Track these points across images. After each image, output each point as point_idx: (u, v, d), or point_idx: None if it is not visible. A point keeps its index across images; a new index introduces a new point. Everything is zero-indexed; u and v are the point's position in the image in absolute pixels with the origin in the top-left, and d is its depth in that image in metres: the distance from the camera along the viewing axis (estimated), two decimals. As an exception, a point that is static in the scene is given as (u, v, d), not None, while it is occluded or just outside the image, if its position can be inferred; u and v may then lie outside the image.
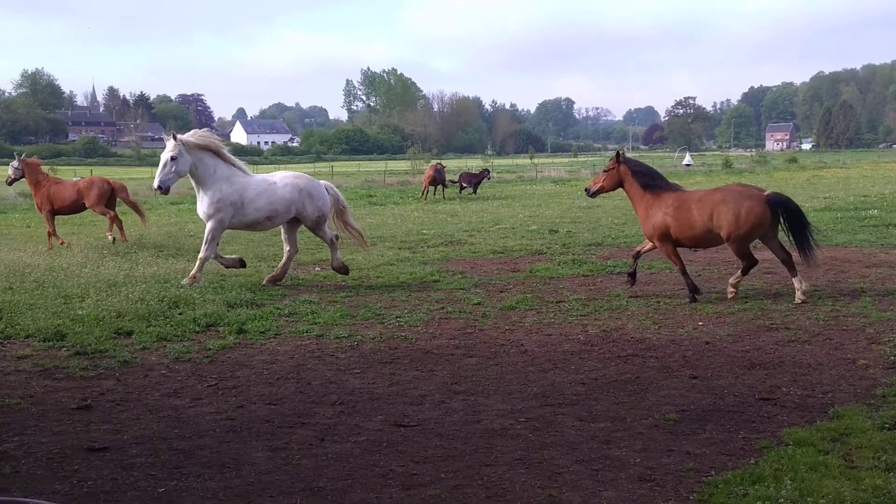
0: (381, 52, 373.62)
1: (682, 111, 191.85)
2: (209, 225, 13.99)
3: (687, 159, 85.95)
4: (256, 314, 11.48)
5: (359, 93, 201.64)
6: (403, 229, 23.41)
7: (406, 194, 40.46)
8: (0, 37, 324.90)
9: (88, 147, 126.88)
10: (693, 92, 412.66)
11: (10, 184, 22.54)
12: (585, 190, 13.72)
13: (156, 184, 13.79)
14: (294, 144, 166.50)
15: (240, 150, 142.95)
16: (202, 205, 14.11)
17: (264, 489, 5.80)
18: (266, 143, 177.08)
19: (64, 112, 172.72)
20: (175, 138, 13.70)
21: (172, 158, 13.60)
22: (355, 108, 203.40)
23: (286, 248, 14.82)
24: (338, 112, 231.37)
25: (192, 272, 13.82)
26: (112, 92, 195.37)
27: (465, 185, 40.40)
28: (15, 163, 20.98)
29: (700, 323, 10.92)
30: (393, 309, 12.04)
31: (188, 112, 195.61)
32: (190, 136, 14.01)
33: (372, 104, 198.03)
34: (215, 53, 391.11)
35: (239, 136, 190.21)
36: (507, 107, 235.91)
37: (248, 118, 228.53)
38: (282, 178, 14.76)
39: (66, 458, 6.42)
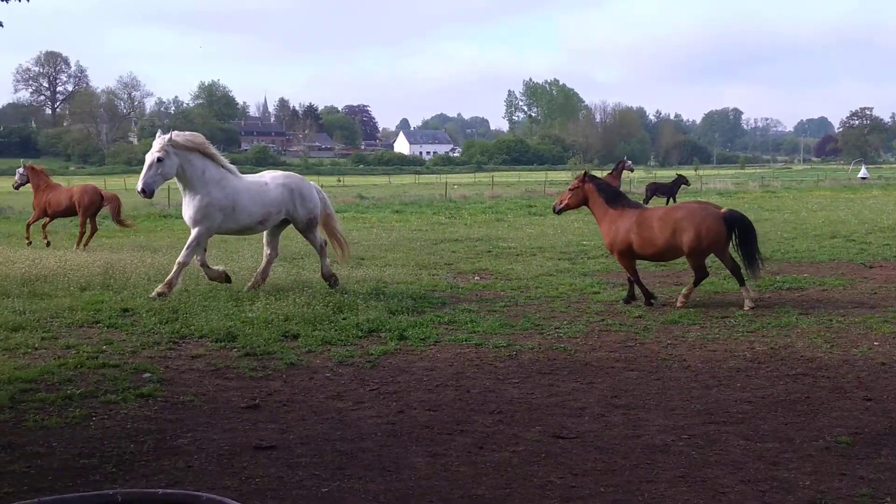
0: (544, 62, 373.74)
1: (857, 122, 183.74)
2: (195, 230, 13.29)
3: (863, 172, 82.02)
4: (417, 321, 11.64)
5: (520, 103, 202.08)
6: (563, 240, 23.30)
7: (566, 205, 40.17)
8: (181, 51, 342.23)
9: (259, 156, 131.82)
10: (870, 102, 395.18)
11: (16, 188, 24.17)
12: (553, 208, 14.59)
13: (139, 186, 12.86)
14: (455, 154, 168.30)
15: (402, 160, 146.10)
16: (189, 209, 13.31)
17: (423, 494, 5.87)
18: (428, 153, 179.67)
19: (237, 122, 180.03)
20: (166, 137, 12.99)
21: (159, 160, 12.84)
22: (516, 118, 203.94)
23: (266, 251, 14.38)
24: (499, 122, 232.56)
25: (168, 278, 13.21)
26: (282, 103, 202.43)
27: (657, 195, 39.04)
28: (21, 169, 23.23)
29: (875, 343, 10.40)
30: (552, 320, 11.98)
31: (354, 122, 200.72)
32: (178, 135, 13.16)
33: (533, 115, 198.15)
34: (381, 66, 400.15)
35: (402, 146, 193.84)
36: (672, 117, 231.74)
37: (412, 128, 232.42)
38: (272, 178, 14.28)
39: (236, 455, 6.67)
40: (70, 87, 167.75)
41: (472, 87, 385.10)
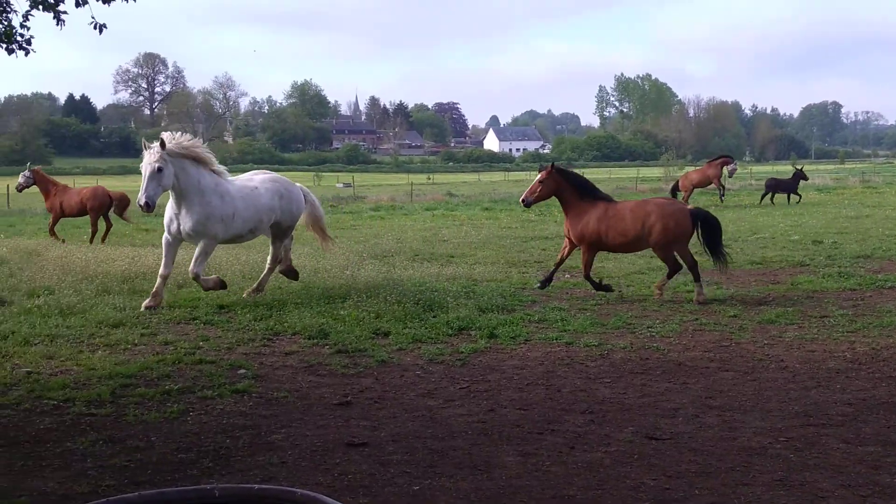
0: (636, 57, 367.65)
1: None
2: (202, 243, 12.52)
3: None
4: (507, 319, 11.61)
5: (611, 98, 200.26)
6: (655, 237, 22.92)
7: (658, 202, 39.56)
8: (276, 51, 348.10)
9: (350, 154, 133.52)
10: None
11: (20, 190, 25.02)
12: (522, 201, 14.55)
13: (142, 199, 11.78)
14: (545, 151, 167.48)
15: (492, 157, 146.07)
16: (188, 221, 12.34)
17: (514, 493, 5.84)
18: (517, 150, 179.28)
19: (329, 121, 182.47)
20: (162, 146, 11.94)
21: (159, 170, 11.87)
22: (607, 114, 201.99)
23: (269, 261, 13.90)
24: (590, 118, 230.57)
25: (155, 289, 12.51)
26: (373, 101, 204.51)
27: (777, 191, 38.02)
28: (26, 172, 24.06)
29: None
30: (644, 319, 11.83)
31: (444, 120, 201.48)
32: (171, 142, 12.13)
33: (625, 110, 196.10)
34: (471, 63, 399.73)
35: (491, 143, 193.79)
36: (768, 111, 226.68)
37: (501, 125, 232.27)
38: (262, 181, 13.48)
39: (328, 451, 6.74)
40: (168, 88, 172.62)
41: (563, 83, 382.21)
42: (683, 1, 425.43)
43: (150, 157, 11.83)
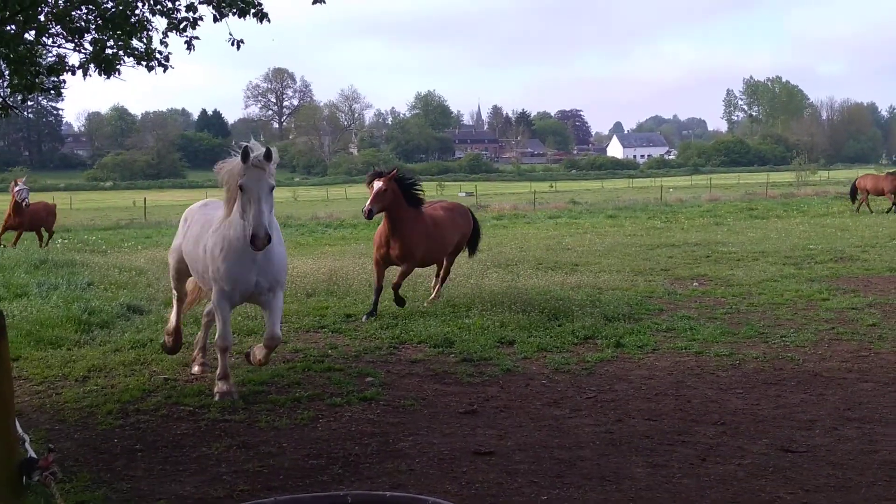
0: (765, 59, 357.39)
1: None
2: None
3: None
4: (633, 328, 11.43)
5: (740, 102, 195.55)
6: (787, 244, 22.26)
7: (790, 207, 38.48)
8: (398, 62, 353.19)
9: (473, 164, 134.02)
10: None
11: (24, 206, 25.17)
12: (363, 213, 12.57)
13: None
14: (670, 157, 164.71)
15: (615, 164, 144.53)
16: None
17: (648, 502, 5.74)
18: (642, 156, 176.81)
19: (451, 131, 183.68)
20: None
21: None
22: (735, 118, 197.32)
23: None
24: (717, 123, 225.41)
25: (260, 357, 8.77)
26: (495, 110, 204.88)
27: None
28: (22, 186, 25.02)
29: None
30: (777, 328, 11.47)
31: (566, 127, 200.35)
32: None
33: (754, 114, 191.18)
34: (594, 69, 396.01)
35: (615, 150, 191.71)
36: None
37: (625, 132, 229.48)
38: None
39: (455, 459, 6.76)
40: (296, 102, 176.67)
41: (689, 88, 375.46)
42: (814, 1, 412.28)
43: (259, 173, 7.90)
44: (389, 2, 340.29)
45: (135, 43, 9.51)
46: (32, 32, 9.07)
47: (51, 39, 9.49)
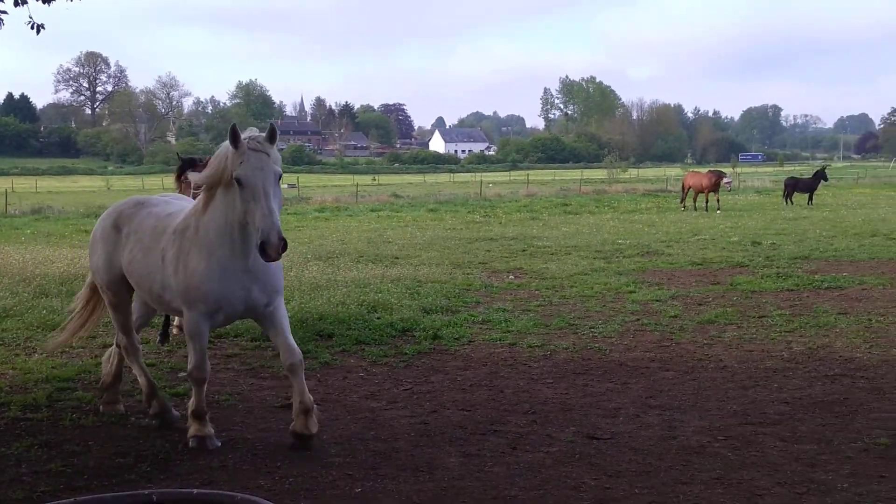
0: (580, 60, 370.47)
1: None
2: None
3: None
4: (451, 321, 11.62)
5: (556, 101, 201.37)
6: (598, 239, 23.16)
7: (602, 203, 40.03)
8: (219, 50, 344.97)
9: (296, 155, 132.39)
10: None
11: None
12: None
13: (280, 234, 6.14)
14: (490, 153, 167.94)
15: (437, 158, 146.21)
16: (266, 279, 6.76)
17: (457, 495, 5.85)
18: (463, 151, 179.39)
19: (274, 122, 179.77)
20: (272, 138, 6.63)
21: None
22: (552, 116, 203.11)
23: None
24: (535, 121, 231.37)
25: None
26: (319, 102, 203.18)
27: (797, 190, 37.97)
28: None
29: (917, 343, 10.23)
30: (587, 319, 11.92)
31: (389, 121, 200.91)
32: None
33: (569, 112, 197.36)
34: (417, 64, 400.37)
35: (437, 144, 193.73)
36: (710, 114, 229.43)
37: (447, 127, 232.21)
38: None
39: (270, 454, 6.68)
40: (110, 87, 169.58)
41: (509, 86, 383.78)
42: (628, 6, 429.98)
43: (264, 152, 6.34)
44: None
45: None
46: None
47: None
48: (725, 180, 37.15)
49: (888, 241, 21.49)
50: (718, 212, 33.23)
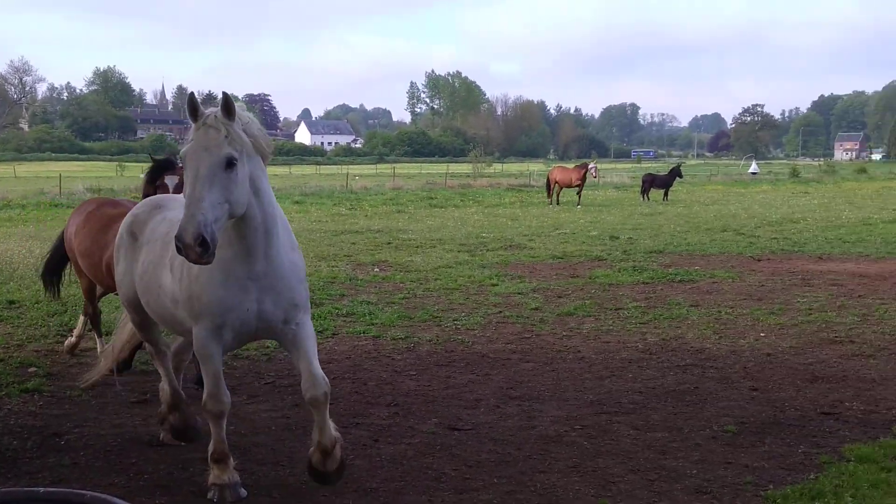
0: (446, 55, 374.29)
1: (749, 119, 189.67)
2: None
3: (753, 167, 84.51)
4: (315, 313, 11.53)
5: (422, 95, 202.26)
6: (463, 232, 23.41)
7: (467, 197, 40.42)
8: (75, 36, 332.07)
9: (156, 145, 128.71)
10: (761, 99, 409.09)
11: None
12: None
13: (195, 231, 5.05)
14: (357, 146, 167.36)
15: (303, 150, 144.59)
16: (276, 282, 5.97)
17: (317, 488, 5.83)
18: (329, 143, 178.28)
19: (133, 110, 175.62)
20: (229, 113, 5.44)
21: (231, 163, 5.78)
22: (419, 110, 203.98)
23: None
24: (401, 114, 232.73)
25: None
26: (181, 91, 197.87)
27: (654, 187, 38.95)
28: None
29: (762, 334, 10.73)
30: (450, 312, 12.03)
31: (254, 111, 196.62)
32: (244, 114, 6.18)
33: (435, 107, 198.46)
34: (283, 55, 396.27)
35: (303, 136, 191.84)
36: (572, 111, 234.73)
37: (313, 119, 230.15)
38: None
39: (124, 451, 6.52)
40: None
41: (375, 79, 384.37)
42: (491, 4, 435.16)
43: (205, 135, 5.17)
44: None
45: None
46: None
47: None
48: (591, 165, 38.23)
49: (738, 236, 22.46)
50: (578, 207, 34.04)
